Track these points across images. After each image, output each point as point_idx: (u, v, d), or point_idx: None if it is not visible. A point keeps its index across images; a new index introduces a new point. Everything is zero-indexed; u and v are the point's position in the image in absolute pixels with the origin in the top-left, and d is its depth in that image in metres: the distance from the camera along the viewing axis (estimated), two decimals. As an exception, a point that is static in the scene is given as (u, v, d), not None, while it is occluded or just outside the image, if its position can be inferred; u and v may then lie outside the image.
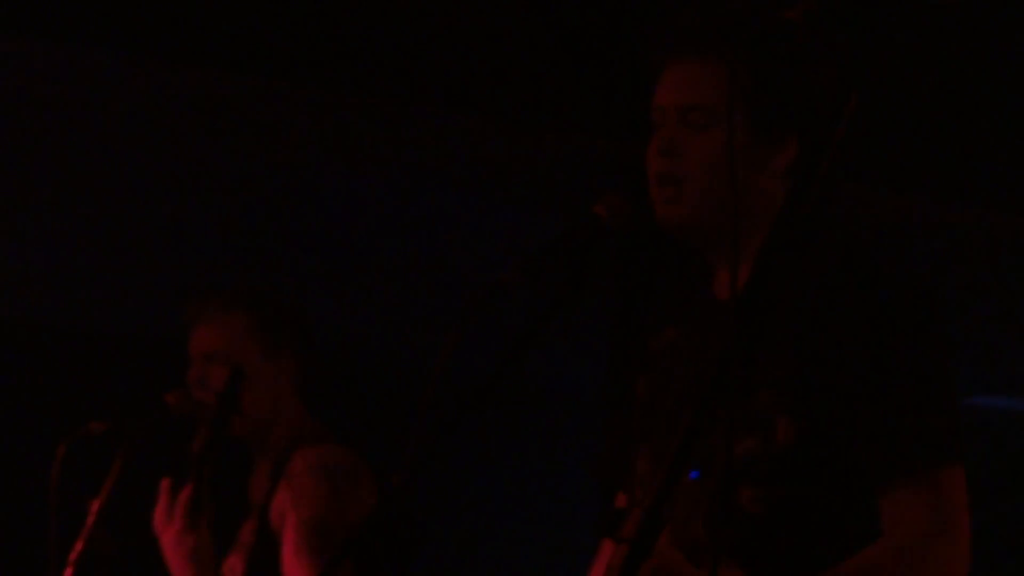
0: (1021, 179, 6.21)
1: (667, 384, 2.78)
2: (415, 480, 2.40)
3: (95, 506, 3.83)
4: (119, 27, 5.31)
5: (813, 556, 2.52)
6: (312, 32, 5.38)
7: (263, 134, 6.07)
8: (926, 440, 2.49)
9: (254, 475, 4.20)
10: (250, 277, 7.28)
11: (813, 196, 1.95)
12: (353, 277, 7.41)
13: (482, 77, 5.71)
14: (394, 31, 5.50)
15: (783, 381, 2.46)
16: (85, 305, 8.18)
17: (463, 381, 2.38)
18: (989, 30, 5.63)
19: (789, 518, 2.50)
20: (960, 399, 2.70)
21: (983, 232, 6.57)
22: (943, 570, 2.52)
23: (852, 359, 2.50)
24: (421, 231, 7.07)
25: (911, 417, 2.49)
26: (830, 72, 2.66)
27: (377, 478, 4.14)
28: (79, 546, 3.82)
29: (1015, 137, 6.07)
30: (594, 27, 5.67)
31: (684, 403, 2.60)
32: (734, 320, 1.99)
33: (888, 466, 2.48)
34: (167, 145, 6.11)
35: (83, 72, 5.58)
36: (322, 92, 5.57)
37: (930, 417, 2.51)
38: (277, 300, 4.34)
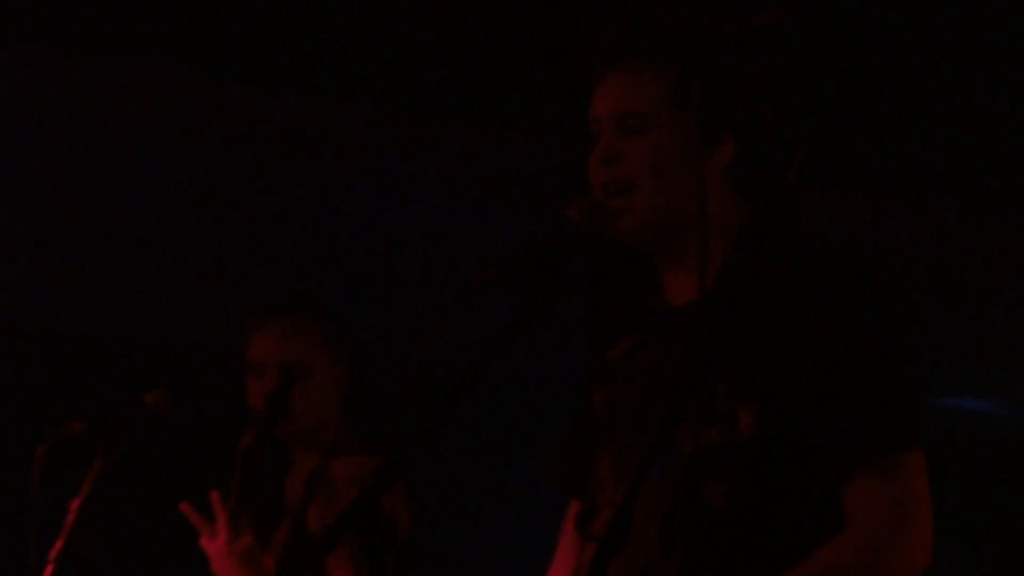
0: (988, 186, 6.21)
1: (627, 393, 2.81)
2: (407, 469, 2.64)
3: (75, 505, 3.84)
4: (145, 37, 5.28)
5: (777, 550, 2.52)
6: (316, 40, 5.31)
7: (259, 142, 5.98)
8: (884, 428, 2.51)
9: (290, 477, 4.26)
10: (251, 281, 7.16)
11: (776, 208, 2.08)
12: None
13: (470, 89, 5.67)
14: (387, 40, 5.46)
15: (744, 375, 2.49)
16: (66, 308, 8.12)
17: (445, 378, 2.34)
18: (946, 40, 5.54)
19: (754, 512, 2.51)
20: (928, 398, 2.83)
21: (954, 240, 6.54)
22: (905, 559, 2.54)
23: (810, 352, 2.52)
24: (409, 234, 7.00)
25: (868, 406, 2.51)
26: (769, 76, 2.73)
27: (408, 487, 4.17)
28: (60, 544, 3.83)
29: (976, 145, 5.99)
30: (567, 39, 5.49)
31: (649, 407, 2.64)
32: (704, 323, 2.02)
33: (847, 455, 2.50)
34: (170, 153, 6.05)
35: (105, 81, 5.51)
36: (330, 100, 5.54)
37: (887, 405, 2.54)
38: (338, 314, 4.46)
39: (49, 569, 3.82)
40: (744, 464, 2.47)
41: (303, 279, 6.71)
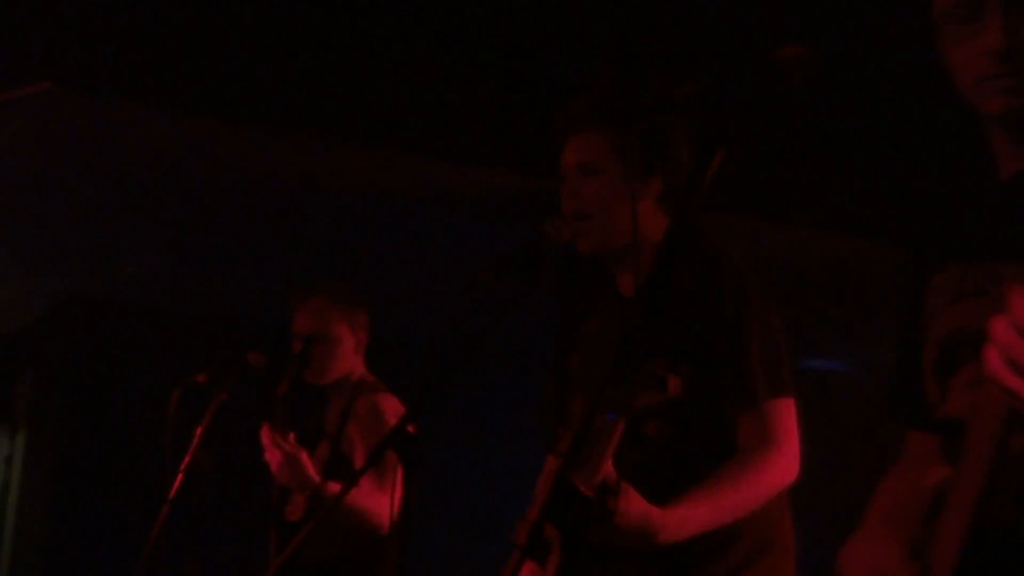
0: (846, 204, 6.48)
1: (592, 357, 3.28)
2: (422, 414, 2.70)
3: (199, 431, 4.32)
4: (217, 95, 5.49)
5: (693, 469, 2.87)
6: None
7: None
8: (760, 382, 2.89)
9: (328, 410, 4.73)
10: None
11: (686, 226, 2.29)
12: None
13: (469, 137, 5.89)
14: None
15: (673, 350, 2.77)
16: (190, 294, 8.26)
17: (452, 344, 2.69)
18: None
19: (678, 444, 2.94)
20: (795, 359, 3.08)
21: (814, 249, 6.88)
22: (777, 471, 2.93)
23: (714, 331, 2.95)
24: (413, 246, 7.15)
25: (750, 367, 2.88)
26: (685, 133, 3.13)
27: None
28: (187, 460, 4.29)
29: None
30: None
31: (600, 370, 3.02)
32: (635, 309, 2.43)
33: (737, 403, 2.90)
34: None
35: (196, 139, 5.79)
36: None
37: (763, 366, 2.90)
38: (358, 293, 4.87)
39: (180, 476, 4.26)
40: (672, 413, 2.87)
41: (336, 270, 6.56)
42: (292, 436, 4.39)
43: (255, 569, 4.81)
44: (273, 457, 4.07)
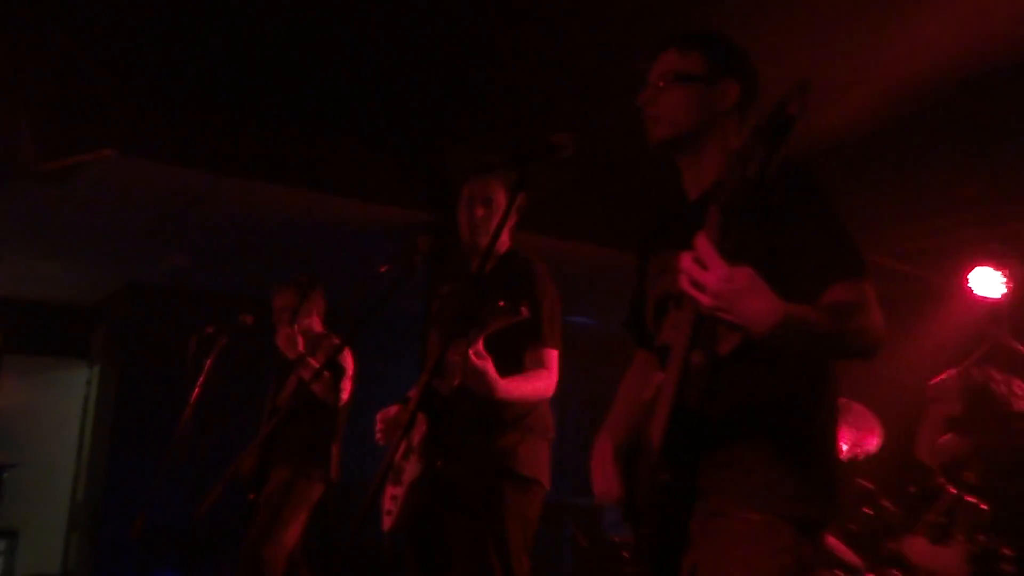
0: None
1: (445, 307, 3.25)
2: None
3: (208, 363, 4.36)
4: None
5: (510, 369, 2.86)
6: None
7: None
8: (547, 334, 2.96)
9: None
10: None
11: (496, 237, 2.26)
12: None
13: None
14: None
15: (507, 299, 2.67)
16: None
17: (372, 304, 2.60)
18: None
19: (505, 353, 2.82)
20: (565, 317, 3.04)
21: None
22: (546, 381, 2.98)
23: (525, 299, 2.77)
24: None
25: (543, 326, 2.95)
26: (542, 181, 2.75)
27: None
28: (201, 379, 4.32)
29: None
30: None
31: (451, 314, 3.13)
32: (476, 280, 2.43)
33: (532, 343, 2.91)
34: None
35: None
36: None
37: (551, 325, 2.97)
38: (315, 280, 4.72)
39: (196, 391, 4.32)
40: (504, 336, 2.74)
41: (299, 267, 5.69)
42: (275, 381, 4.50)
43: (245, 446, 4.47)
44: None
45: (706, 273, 1.59)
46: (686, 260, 1.62)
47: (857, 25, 3.89)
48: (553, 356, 3.03)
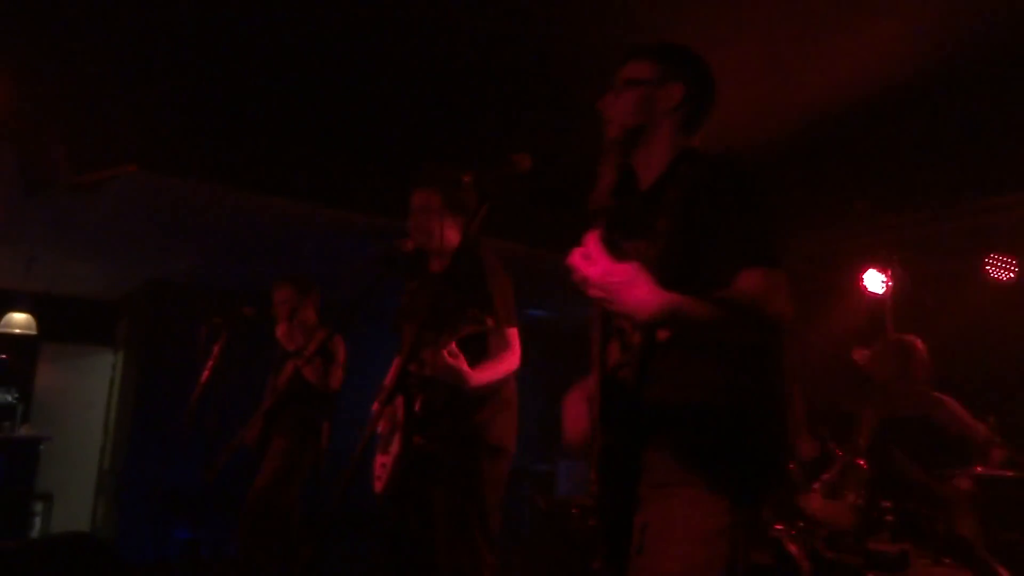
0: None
1: (413, 302, 3.19)
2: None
3: (215, 350, 4.18)
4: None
5: (476, 360, 2.78)
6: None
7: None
8: (503, 316, 2.83)
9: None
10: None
11: (468, 240, 2.12)
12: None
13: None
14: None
15: (475, 304, 2.64)
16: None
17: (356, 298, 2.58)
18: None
19: (473, 349, 2.79)
20: (522, 309, 2.98)
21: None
22: (510, 363, 2.91)
23: (485, 293, 2.79)
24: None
25: (499, 310, 2.83)
26: (473, 194, 3.04)
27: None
28: (209, 364, 4.17)
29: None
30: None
31: (418, 310, 3.04)
32: (442, 279, 2.29)
33: (497, 328, 2.77)
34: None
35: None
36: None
37: (505, 309, 2.87)
38: (313, 280, 4.61)
39: (206, 373, 4.12)
40: (477, 338, 2.76)
41: (296, 268, 5.72)
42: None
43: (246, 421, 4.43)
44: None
45: (591, 267, 1.55)
46: (575, 255, 1.57)
47: (766, 51, 3.84)
48: (513, 333, 2.96)
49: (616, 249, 1.59)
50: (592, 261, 1.55)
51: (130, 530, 7.23)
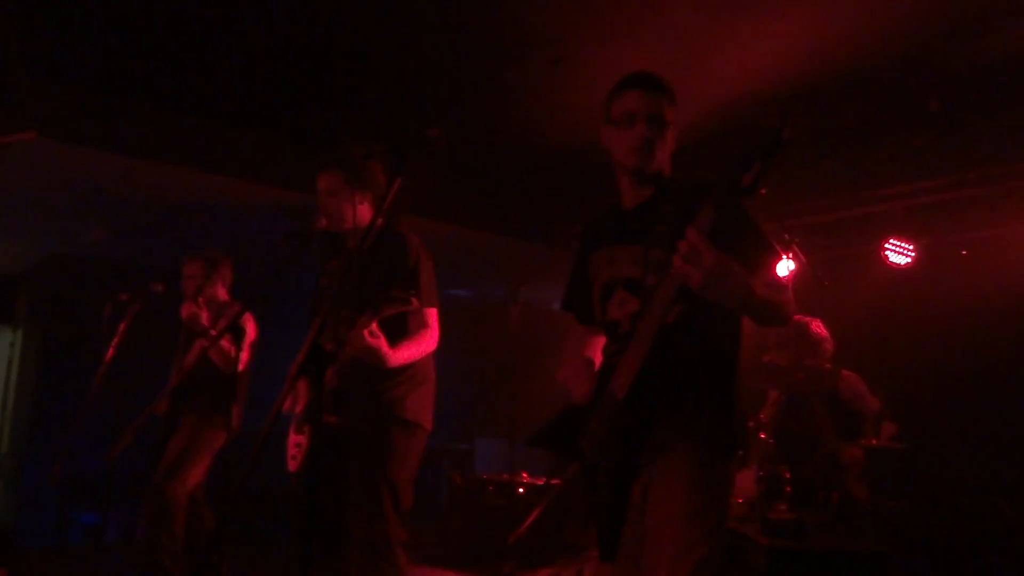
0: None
1: (331, 281, 3.19)
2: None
3: (121, 327, 4.21)
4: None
5: (396, 338, 2.81)
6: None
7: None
8: (425, 296, 2.89)
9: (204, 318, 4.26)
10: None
11: (383, 217, 2.16)
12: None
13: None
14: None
15: (398, 284, 2.71)
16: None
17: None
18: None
19: (393, 328, 2.81)
20: (443, 289, 3.04)
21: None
22: (429, 342, 2.97)
23: (405, 271, 2.83)
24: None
25: (420, 290, 2.88)
26: (382, 170, 3.06)
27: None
28: (115, 341, 4.19)
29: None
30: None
31: (337, 289, 3.05)
32: (356, 257, 2.41)
33: (415, 309, 2.81)
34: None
35: None
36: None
37: (427, 290, 2.92)
38: (223, 256, 4.64)
39: (111, 352, 4.16)
40: (400, 316, 2.80)
41: (206, 242, 5.88)
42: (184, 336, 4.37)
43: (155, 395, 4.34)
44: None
45: (704, 255, 1.73)
46: (683, 245, 1.74)
47: (676, 40, 3.91)
48: (433, 314, 2.99)
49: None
50: (701, 251, 1.73)
51: (30, 515, 7.10)
